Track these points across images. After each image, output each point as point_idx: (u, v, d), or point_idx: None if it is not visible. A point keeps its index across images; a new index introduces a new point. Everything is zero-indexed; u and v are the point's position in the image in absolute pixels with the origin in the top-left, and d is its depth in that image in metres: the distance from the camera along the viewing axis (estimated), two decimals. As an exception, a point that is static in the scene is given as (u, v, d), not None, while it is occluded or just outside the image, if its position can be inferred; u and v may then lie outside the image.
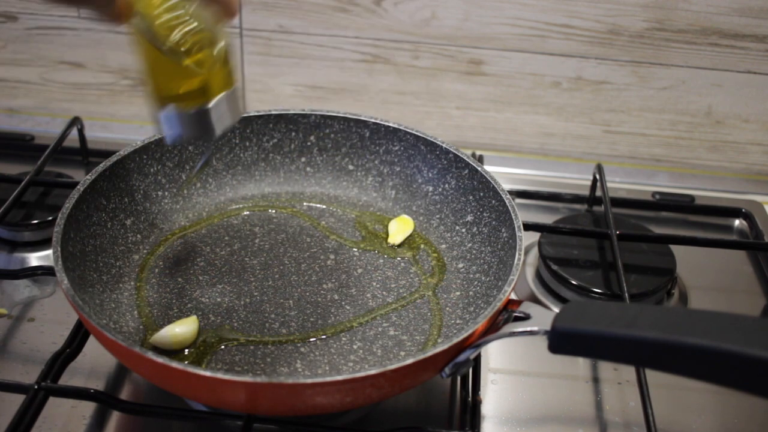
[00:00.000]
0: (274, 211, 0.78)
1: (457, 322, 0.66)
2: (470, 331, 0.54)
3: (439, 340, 0.64)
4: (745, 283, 0.83)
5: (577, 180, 0.97)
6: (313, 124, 0.79)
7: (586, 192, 0.90)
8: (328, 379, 0.50)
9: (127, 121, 1.06)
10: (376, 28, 0.96)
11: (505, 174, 0.97)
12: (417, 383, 0.58)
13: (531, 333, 0.54)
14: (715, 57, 0.94)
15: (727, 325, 0.46)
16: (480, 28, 0.95)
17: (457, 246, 0.73)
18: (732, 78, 0.96)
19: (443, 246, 0.74)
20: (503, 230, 0.68)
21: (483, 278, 0.68)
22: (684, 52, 0.94)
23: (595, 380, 0.69)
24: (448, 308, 0.68)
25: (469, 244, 0.72)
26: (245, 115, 0.77)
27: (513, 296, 0.65)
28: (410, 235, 0.75)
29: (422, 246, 0.74)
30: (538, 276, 0.80)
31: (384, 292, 0.69)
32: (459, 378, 0.67)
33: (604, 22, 0.93)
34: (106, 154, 0.69)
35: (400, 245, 0.74)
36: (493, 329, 0.56)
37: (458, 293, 0.69)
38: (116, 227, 0.70)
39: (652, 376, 0.67)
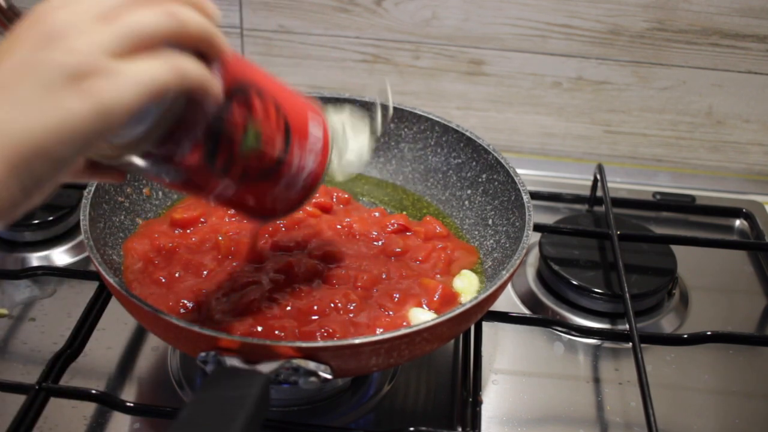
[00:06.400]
0: None
1: None
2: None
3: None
4: (746, 283, 0.83)
5: (578, 180, 0.97)
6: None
7: (586, 192, 0.90)
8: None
9: (127, 121, 1.06)
10: (377, 28, 0.96)
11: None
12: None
13: None
14: (715, 57, 0.94)
15: None
16: (481, 28, 0.95)
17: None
18: (733, 78, 0.95)
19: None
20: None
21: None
22: (685, 53, 0.94)
23: (596, 380, 0.69)
24: None
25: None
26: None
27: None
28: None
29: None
30: (539, 276, 0.80)
31: None
32: (460, 378, 0.67)
33: (605, 22, 0.93)
34: (107, 154, 0.69)
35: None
36: None
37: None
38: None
39: (653, 376, 0.67)
